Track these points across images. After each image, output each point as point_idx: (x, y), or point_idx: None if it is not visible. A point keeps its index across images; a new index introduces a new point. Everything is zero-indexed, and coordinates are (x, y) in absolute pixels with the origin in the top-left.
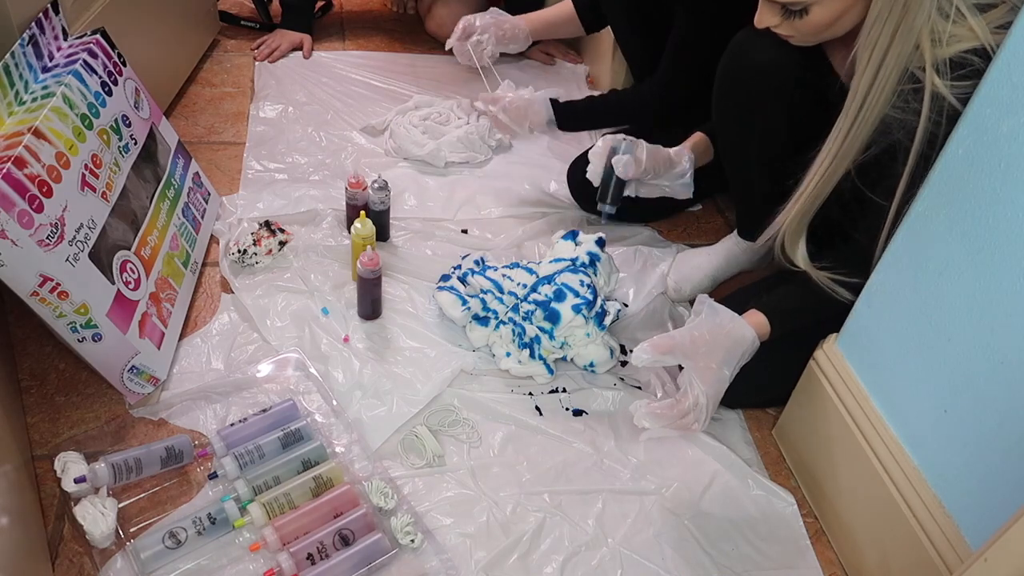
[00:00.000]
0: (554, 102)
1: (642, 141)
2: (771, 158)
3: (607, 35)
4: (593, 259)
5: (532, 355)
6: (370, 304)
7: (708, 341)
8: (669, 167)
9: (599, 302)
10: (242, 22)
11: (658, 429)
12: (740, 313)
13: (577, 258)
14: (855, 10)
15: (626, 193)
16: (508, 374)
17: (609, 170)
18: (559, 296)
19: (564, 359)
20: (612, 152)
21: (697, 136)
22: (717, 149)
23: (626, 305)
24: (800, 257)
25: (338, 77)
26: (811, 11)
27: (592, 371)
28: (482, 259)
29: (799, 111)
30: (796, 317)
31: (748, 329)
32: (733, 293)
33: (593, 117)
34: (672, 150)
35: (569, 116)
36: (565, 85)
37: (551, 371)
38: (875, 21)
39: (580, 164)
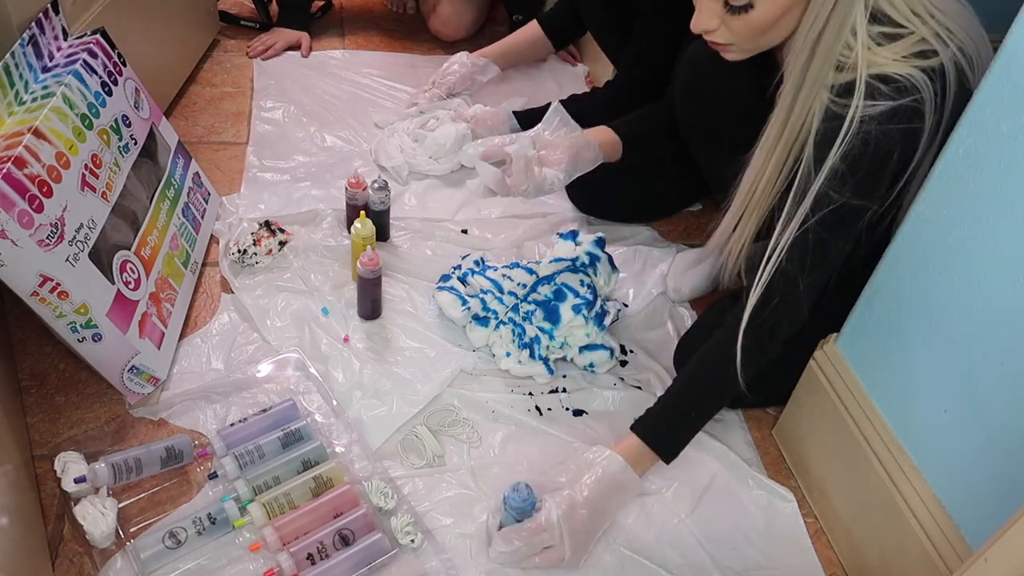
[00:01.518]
0: (516, 113)
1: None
2: (743, 162)
3: None
4: (593, 259)
5: (532, 355)
6: (370, 304)
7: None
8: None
9: (599, 302)
10: (242, 22)
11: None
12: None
13: (577, 258)
14: (793, 12)
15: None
16: (508, 374)
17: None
18: (559, 296)
19: (564, 359)
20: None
21: (604, 131)
22: (634, 152)
23: (626, 305)
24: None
25: (338, 77)
26: (756, 5)
27: (592, 371)
28: (482, 259)
29: (762, 114)
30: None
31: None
32: (710, 308)
33: None
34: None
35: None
36: (565, 85)
37: (551, 371)
38: (805, 33)
39: None
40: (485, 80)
